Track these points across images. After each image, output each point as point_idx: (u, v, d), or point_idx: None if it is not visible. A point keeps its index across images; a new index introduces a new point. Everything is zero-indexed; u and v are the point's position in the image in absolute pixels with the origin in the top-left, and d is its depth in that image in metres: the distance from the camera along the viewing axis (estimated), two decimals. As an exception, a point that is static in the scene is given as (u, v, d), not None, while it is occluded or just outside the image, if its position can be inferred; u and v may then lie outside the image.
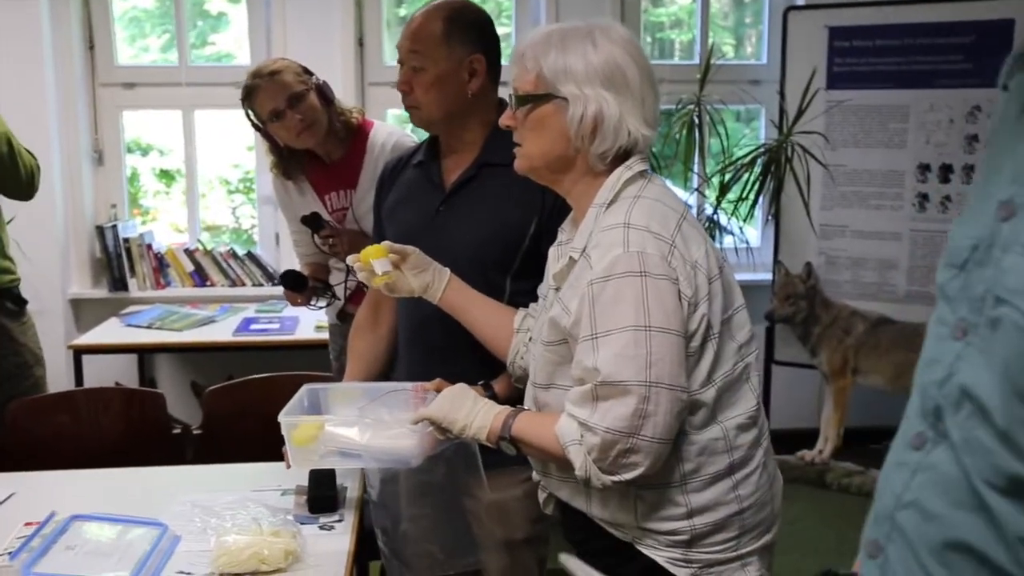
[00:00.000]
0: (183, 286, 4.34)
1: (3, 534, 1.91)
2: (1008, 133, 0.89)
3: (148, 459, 2.43)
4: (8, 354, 2.90)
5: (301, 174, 2.78)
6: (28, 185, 2.88)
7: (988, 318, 0.83)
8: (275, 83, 2.63)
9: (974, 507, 0.83)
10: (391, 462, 1.86)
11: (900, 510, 0.90)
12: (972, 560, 0.83)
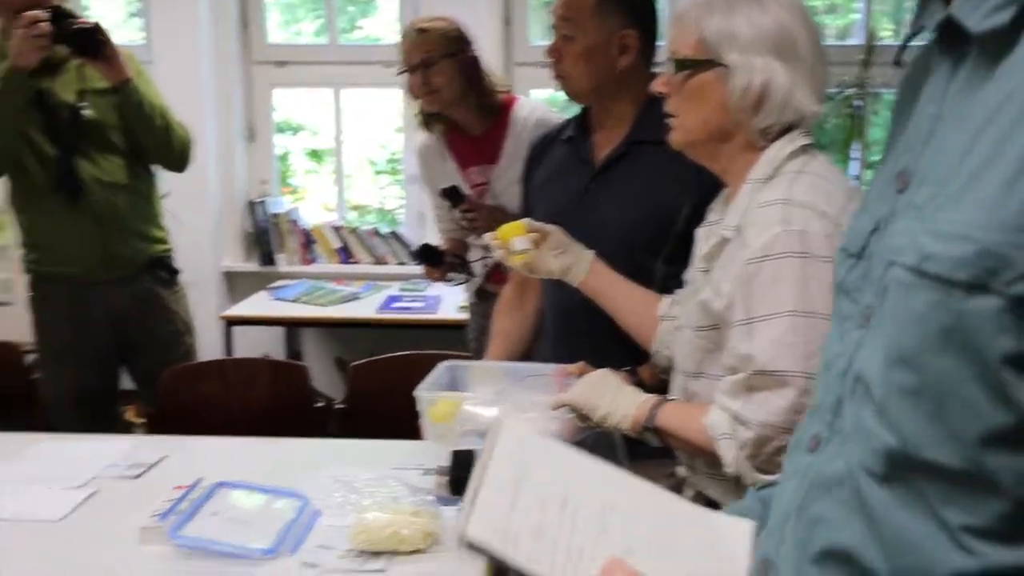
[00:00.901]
0: (329, 262, 4.41)
1: (153, 495, 1.95)
2: (900, 107, 0.82)
3: (291, 431, 2.46)
4: (162, 322, 3.00)
5: (440, 134, 2.77)
6: (180, 157, 2.95)
7: (881, 289, 0.73)
8: (418, 39, 2.63)
9: (855, 506, 0.73)
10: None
11: (788, 520, 0.81)
12: (849, 569, 0.73)
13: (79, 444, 2.29)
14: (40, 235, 2.90)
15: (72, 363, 2.91)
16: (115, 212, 2.86)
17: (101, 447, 2.27)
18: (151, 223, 2.99)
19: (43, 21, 2.58)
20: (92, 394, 2.94)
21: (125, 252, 2.91)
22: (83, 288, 2.88)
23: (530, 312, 2.13)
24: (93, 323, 2.91)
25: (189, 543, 1.72)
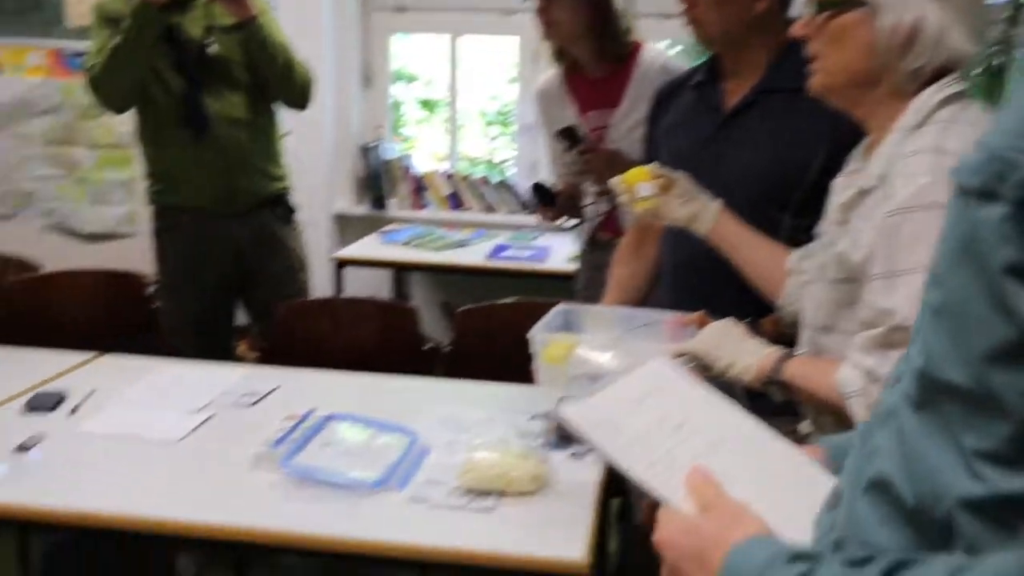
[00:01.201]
0: (439, 209, 4.42)
1: (267, 423, 1.99)
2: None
3: (398, 371, 2.48)
4: (278, 258, 3.05)
5: (562, 73, 2.72)
6: (301, 94, 2.97)
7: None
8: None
9: (896, 435, 0.74)
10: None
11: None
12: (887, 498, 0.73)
13: (196, 371, 2.35)
14: (165, 168, 2.95)
15: (191, 293, 2.98)
16: (238, 148, 2.90)
17: (217, 374, 2.32)
18: (272, 160, 3.02)
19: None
20: (209, 324, 3.02)
21: (246, 187, 2.95)
22: (204, 221, 2.94)
23: (648, 260, 2.08)
24: (213, 255, 2.96)
25: (300, 472, 1.74)
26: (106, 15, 2.83)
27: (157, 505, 1.69)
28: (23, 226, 4.21)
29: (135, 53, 2.74)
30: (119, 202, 4.16)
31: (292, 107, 3.00)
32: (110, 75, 2.78)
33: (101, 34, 2.82)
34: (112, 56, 2.73)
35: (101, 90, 2.83)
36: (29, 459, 1.81)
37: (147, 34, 2.73)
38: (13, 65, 4.10)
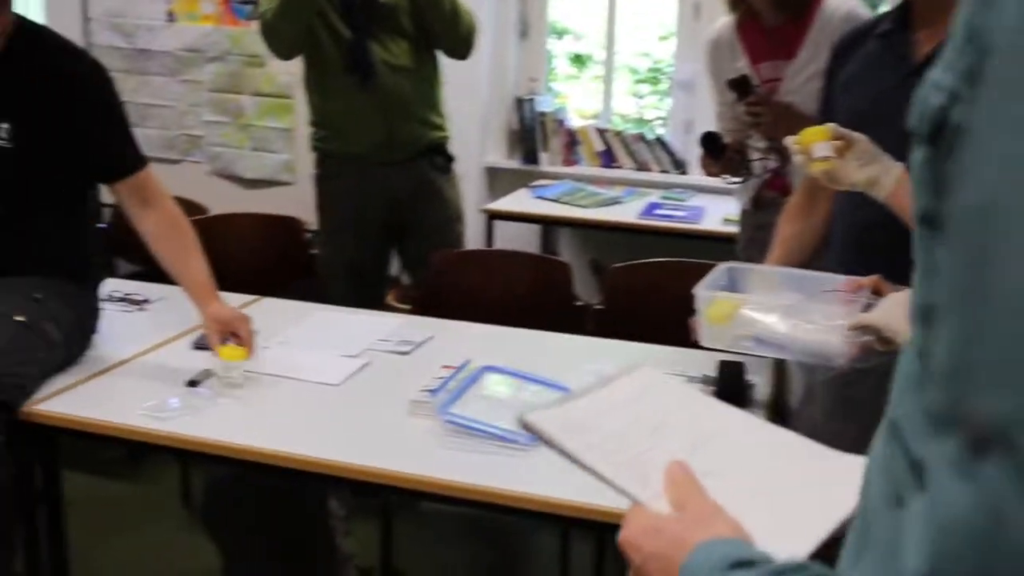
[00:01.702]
0: (591, 165, 4.36)
1: (423, 371, 2.00)
2: None
3: (548, 326, 2.45)
4: (435, 207, 3.06)
5: (736, 21, 2.60)
6: (465, 42, 2.96)
7: None
8: None
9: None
10: (811, 357, 1.70)
11: None
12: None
13: (353, 317, 2.39)
14: (329, 115, 2.99)
15: (349, 238, 3.02)
16: (401, 95, 2.91)
17: (373, 322, 2.35)
18: (433, 109, 3.03)
19: None
20: (364, 270, 3.06)
21: (407, 135, 2.96)
22: (365, 168, 2.96)
23: (818, 221, 1.98)
24: (371, 202, 2.99)
25: (459, 420, 1.74)
26: None
27: (315, 446, 1.72)
28: (190, 170, 4.36)
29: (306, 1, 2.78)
30: (279, 150, 4.26)
31: (454, 56, 3.00)
32: (281, 20, 2.82)
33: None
34: (284, 5, 2.78)
35: (272, 36, 2.89)
36: (197, 394, 1.87)
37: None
38: (187, 13, 4.23)
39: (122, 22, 4.33)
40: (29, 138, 2.01)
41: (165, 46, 4.30)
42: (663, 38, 6.04)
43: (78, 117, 2.04)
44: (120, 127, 2.12)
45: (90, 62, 2.11)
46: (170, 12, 4.26)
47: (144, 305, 2.39)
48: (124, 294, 2.41)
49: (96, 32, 4.34)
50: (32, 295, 1.96)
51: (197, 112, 4.34)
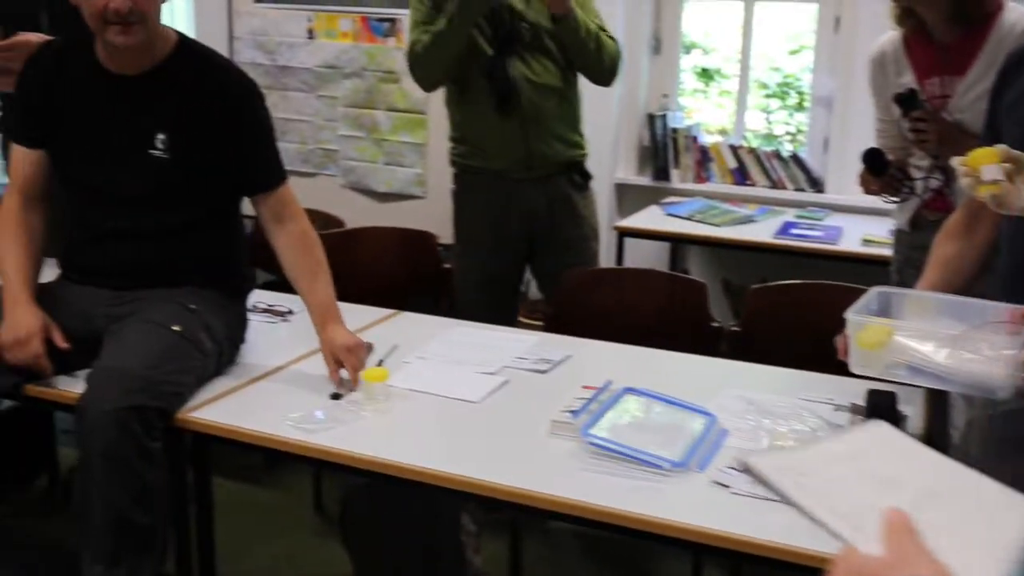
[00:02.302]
0: (722, 182, 4.29)
1: (562, 390, 1.98)
2: None
3: (683, 346, 2.41)
4: (570, 224, 3.05)
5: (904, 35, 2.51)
6: (609, 74, 3.00)
7: None
8: None
9: None
10: (974, 390, 1.62)
11: None
12: None
13: (490, 333, 2.39)
14: (469, 130, 3.02)
15: (484, 253, 3.05)
16: (541, 113, 2.93)
17: (509, 339, 2.35)
18: (572, 127, 3.04)
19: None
20: (498, 284, 3.08)
21: (545, 152, 2.97)
22: (503, 183, 2.98)
23: (979, 244, 1.88)
24: (508, 217, 3.01)
25: (600, 443, 1.71)
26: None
27: (456, 462, 1.72)
28: (324, 183, 4.47)
29: (459, 36, 2.84)
30: (412, 164, 4.33)
31: (597, 83, 3.04)
32: (432, 57, 2.89)
33: (420, 8, 2.95)
34: (436, 40, 2.84)
35: (420, 69, 2.96)
36: (341, 407, 1.90)
37: (475, 14, 2.81)
38: (326, 30, 4.35)
39: (265, 40, 4.48)
40: (184, 149, 2.09)
41: (305, 63, 4.42)
42: (794, 52, 5.91)
43: (229, 130, 2.10)
44: (267, 142, 2.18)
45: (244, 79, 2.18)
46: (310, 30, 4.38)
47: (287, 316, 2.45)
48: (268, 305, 2.47)
49: (241, 50, 4.49)
50: (187, 305, 2.03)
51: (333, 127, 4.45)
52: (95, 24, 1.98)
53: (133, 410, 1.75)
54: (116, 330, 1.97)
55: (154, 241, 2.10)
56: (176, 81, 2.10)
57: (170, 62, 2.11)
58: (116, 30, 1.96)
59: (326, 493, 3.05)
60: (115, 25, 1.96)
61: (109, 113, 2.11)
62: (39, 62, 2.18)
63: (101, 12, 1.94)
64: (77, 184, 2.17)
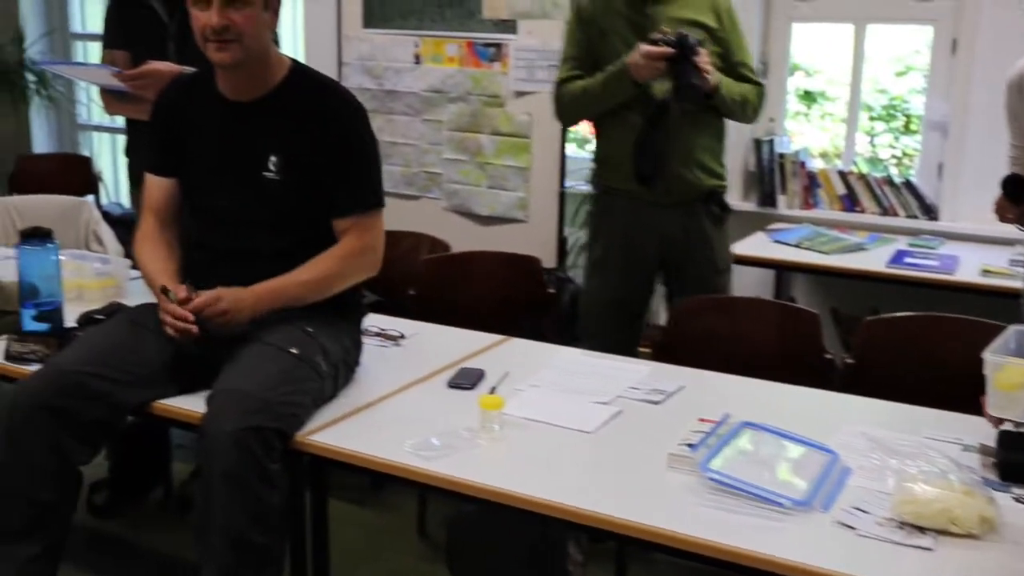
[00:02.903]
0: (831, 208, 4.20)
1: (678, 423, 1.96)
2: None
3: (795, 377, 2.36)
4: (703, 255, 3.07)
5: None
6: (752, 118, 3.13)
7: None
8: None
9: None
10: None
11: None
12: None
13: (599, 361, 2.38)
14: (612, 153, 3.04)
15: (615, 275, 3.08)
16: (683, 140, 2.95)
17: (620, 368, 2.33)
18: (714, 157, 3.06)
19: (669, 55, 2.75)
20: (625, 308, 3.08)
21: (685, 180, 2.99)
22: (640, 207, 3.00)
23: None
24: (642, 241, 3.04)
25: (721, 478, 1.68)
26: (581, 17, 3.03)
27: (571, 493, 1.70)
28: (427, 206, 4.52)
29: (604, 106, 2.98)
30: (514, 188, 4.34)
31: (742, 122, 3.18)
32: (575, 110, 3.07)
33: (574, 36, 3.05)
34: (582, 99, 2.99)
35: (564, 116, 3.12)
36: (457, 435, 1.90)
37: (618, 97, 2.92)
38: (432, 55, 4.40)
39: (372, 65, 4.56)
40: (294, 171, 2.15)
41: (411, 87, 4.49)
42: (900, 73, 5.78)
43: (335, 150, 2.15)
44: (367, 165, 2.22)
45: (351, 100, 2.23)
46: (417, 55, 4.44)
47: (399, 341, 2.47)
48: (380, 329, 2.50)
49: (349, 75, 4.58)
50: (304, 328, 2.06)
51: (437, 150, 4.50)
52: (201, 43, 2.09)
53: (252, 431, 1.79)
54: (235, 351, 2.02)
55: (270, 262, 2.15)
56: (288, 105, 2.17)
57: (283, 87, 2.18)
58: (214, 47, 2.07)
59: (430, 516, 3.06)
60: (213, 42, 2.05)
61: (227, 139, 2.18)
62: (168, 96, 2.29)
63: (202, 30, 2.06)
64: (199, 207, 2.24)
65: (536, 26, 4.14)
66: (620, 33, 2.94)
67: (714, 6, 2.98)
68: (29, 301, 2.28)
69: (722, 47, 2.98)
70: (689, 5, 2.96)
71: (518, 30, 4.18)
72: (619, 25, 2.96)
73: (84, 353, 2.04)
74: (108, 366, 2.01)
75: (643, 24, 2.91)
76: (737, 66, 3.02)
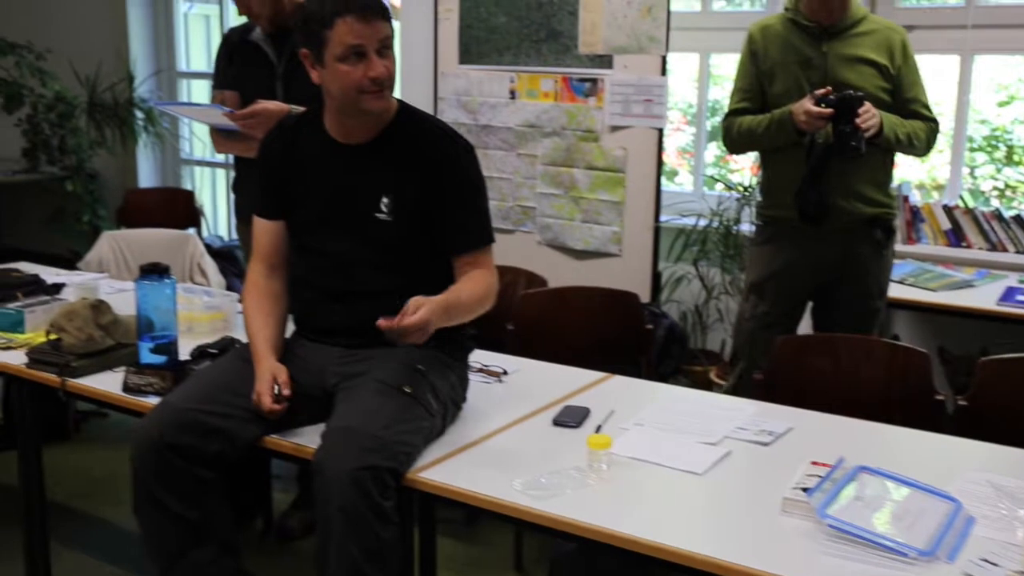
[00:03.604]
0: (935, 243, 4.09)
1: (789, 466, 1.91)
2: None
3: (904, 419, 2.29)
4: (857, 281, 3.11)
5: None
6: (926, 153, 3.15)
7: None
8: None
9: None
10: None
11: None
12: None
13: (704, 400, 2.36)
14: (775, 187, 3.16)
15: (768, 298, 3.18)
16: (844, 177, 3.00)
17: (726, 407, 2.29)
18: (877, 187, 3.08)
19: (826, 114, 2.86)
20: (773, 329, 3.11)
21: (846, 211, 3.03)
22: (801, 237, 3.09)
23: None
24: (800, 269, 3.12)
25: (841, 525, 1.64)
26: (753, 49, 3.13)
27: (682, 536, 1.68)
28: (521, 240, 4.55)
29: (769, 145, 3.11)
30: (608, 222, 4.34)
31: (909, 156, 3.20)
32: (742, 143, 3.20)
33: (745, 68, 3.17)
34: (749, 138, 3.12)
35: (731, 144, 3.24)
36: (565, 474, 1.89)
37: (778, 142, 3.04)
38: (527, 90, 4.44)
39: (468, 100, 4.62)
40: (405, 211, 2.17)
41: (506, 122, 4.53)
42: (1003, 104, 5.62)
43: (444, 189, 2.17)
44: (476, 202, 2.24)
45: (459, 139, 2.25)
46: (512, 90, 4.49)
47: (502, 377, 2.48)
48: (483, 365, 2.51)
49: (445, 109, 4.65)
50: (415, 366, 2.08)
51: (532, 184, 4.52)
52: (351, 95, 2.10)
53: (369, 470, 1.81)
54: (349, 389, 2.05)
55: (381, 301, 2.17)
56: (399, 146, 2.20)
57: (392, 128, 2.21)
58: (372, 97, 2.09)
59: (526, 551, 3.05)
60: (370, 93, 2.08)
61: (339, 181, 2.22)
62: (276, 140, 2.33)
63: (359, 83, 2.07)
64: (307, 248, 2.28)
65: (632, 61, 4.15)
66: (791, 69, 3.04)
67: (888, 43, 3.02)
68: (146, 334, 2.34)
69: (893, 84, 3.03)
70: (863, 43, 3.01)
71: (614, 65, 4.20)
72: (791, 60, 3.04)
73: (199, 390, 2.09)
74: (222, 403, 2.06)
75: (816, 61, 3.01)
76: (909, 103, 3.05)
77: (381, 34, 2.06)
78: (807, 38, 3.02)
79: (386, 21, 2.08)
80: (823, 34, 3.01)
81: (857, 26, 3.02)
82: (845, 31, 3.01)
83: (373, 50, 2.06)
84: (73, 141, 5.87)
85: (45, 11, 6.48)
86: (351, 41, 2.04)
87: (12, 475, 3.67)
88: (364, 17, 2.03)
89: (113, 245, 4.33)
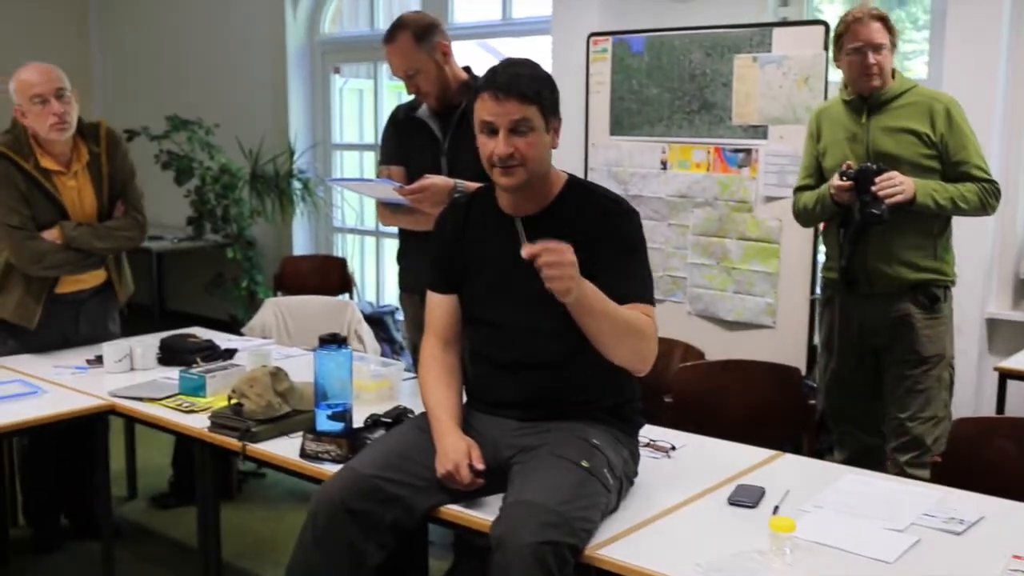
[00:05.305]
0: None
1: (987, 558, 1.83)
2: None
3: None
4: (904, 343, 3.22)
5: None
6: (978, 214, 3.22)
7: None
8: None
9: None
10: None
11: None
12: None
13: (884, 484, 2.27)
14: (828, 251, 3.43)
15: (834, 355, 3.41)
16: (882, 242, 3.16)
17: (909, 491, 2.21)
18: (923, 253, 3.20)
19: (846, 186, 3.10)
20: (847, 384, 3.41)
21: (886, 275, 3.21)
22: (847, 297, 3.32)
23: None
24: (847, 327, 3.35)
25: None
26: (811, 128, 3.41)
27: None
28: (672, 310, 4.51)
29: (821, 217, 3.36)
30: (762, 293, 4.27)
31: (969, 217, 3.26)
32: (803, 217, 3.44)
33: (807, 146, 3.43)
34: (804, 210, 3.38)
35: (797, 217, 3.49)
36: (749, 556, 1.85)
37: (824, 216, 3.33)
38: (679, 160, 4.45)
39: (619, 171, 4.66)
40: None
41: (657, 192, 4.54)
42: None
43: (608, 253, 2.18)
44: (637, 264, 2.23)
45: (626, 207, 2.27)
46: (664, 161, 4.50)
47: (670, 452, 2.45)
48: (650, 439, 2.49)
49: (596, 180, 4.68)
50: (591, 440, 2.09)
51: (683, 254, 4.51)
52: (487, 167, 2.20)
53: (549, 546, 1.80)
54: (525, 463, 2.06)
55: (554, 371, 2.20)
56: (567, 215, 2.23)
57: (561, 199, 2.25)
58: (499, 172, 2.17)
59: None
60: (498, 168, 2.16)
61: (508, 252, 2.25)
62: (450, 216, 2.40)
63: (488, 157, 2.17)
64: (479, 320, 2.32)
65: (787, 131, 4.11)
66: (840, 145, 3.27)
67: (930, 111, 3.15)
68: (323, 402, 2.42)
69: (938, 150, 3.14)
70: (904, 113, 3.18)
71: (768, 135, 4.17)
72: (840, 137, 3.28)
73: (379, 457, 2.14)
74: (401, 471, 2.10)
75: (860, 135, 3.22)
76: (958, 166, 3.14)
77: (514, 115, 2.13)
78: (853, 114, 3.25)
79: (524, 103, 2.13)
80: (867, 108, 3.21)
81: (900, 98, 3.19)
82: (888, 103, 3.19)
83: (504, 128, 2.13)
84: (235, 210, 6.18)
85: (216, 88, 6.89)
86: (483, 117, 2.16)
87: (181, 531, 3.86)
88: (496, 96, 2.12)
89: (276, 311, 4.51)
